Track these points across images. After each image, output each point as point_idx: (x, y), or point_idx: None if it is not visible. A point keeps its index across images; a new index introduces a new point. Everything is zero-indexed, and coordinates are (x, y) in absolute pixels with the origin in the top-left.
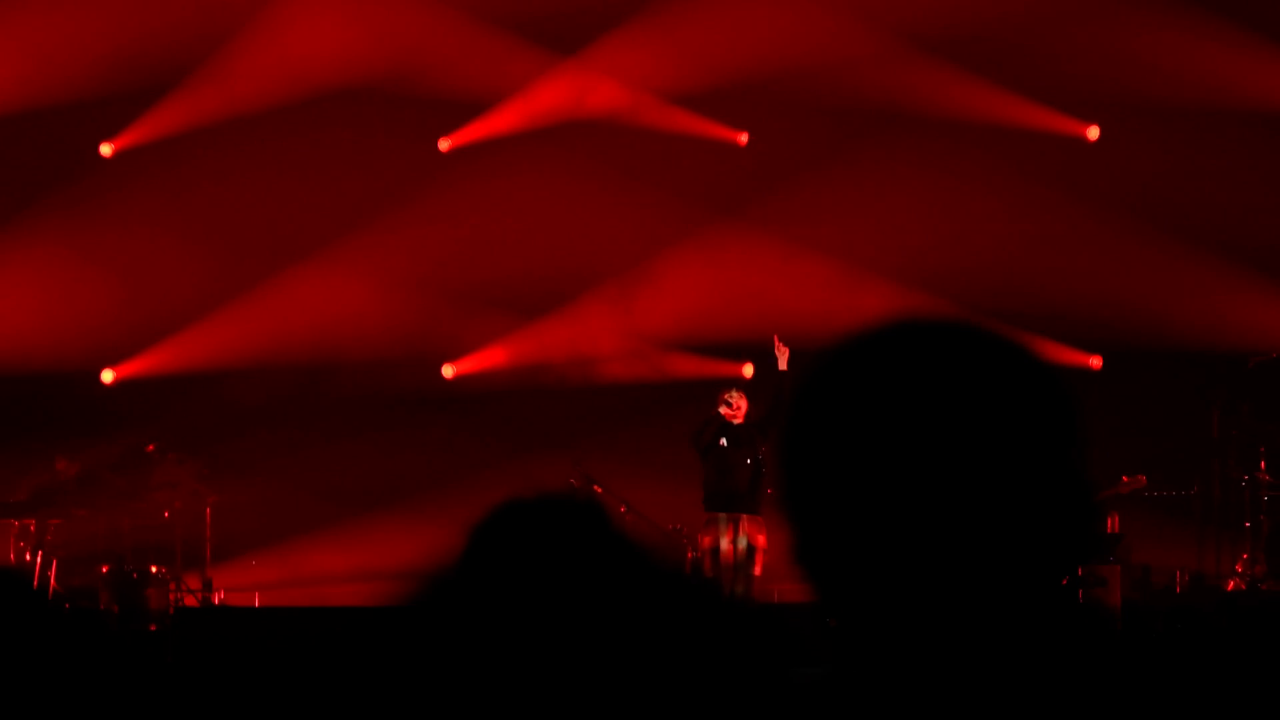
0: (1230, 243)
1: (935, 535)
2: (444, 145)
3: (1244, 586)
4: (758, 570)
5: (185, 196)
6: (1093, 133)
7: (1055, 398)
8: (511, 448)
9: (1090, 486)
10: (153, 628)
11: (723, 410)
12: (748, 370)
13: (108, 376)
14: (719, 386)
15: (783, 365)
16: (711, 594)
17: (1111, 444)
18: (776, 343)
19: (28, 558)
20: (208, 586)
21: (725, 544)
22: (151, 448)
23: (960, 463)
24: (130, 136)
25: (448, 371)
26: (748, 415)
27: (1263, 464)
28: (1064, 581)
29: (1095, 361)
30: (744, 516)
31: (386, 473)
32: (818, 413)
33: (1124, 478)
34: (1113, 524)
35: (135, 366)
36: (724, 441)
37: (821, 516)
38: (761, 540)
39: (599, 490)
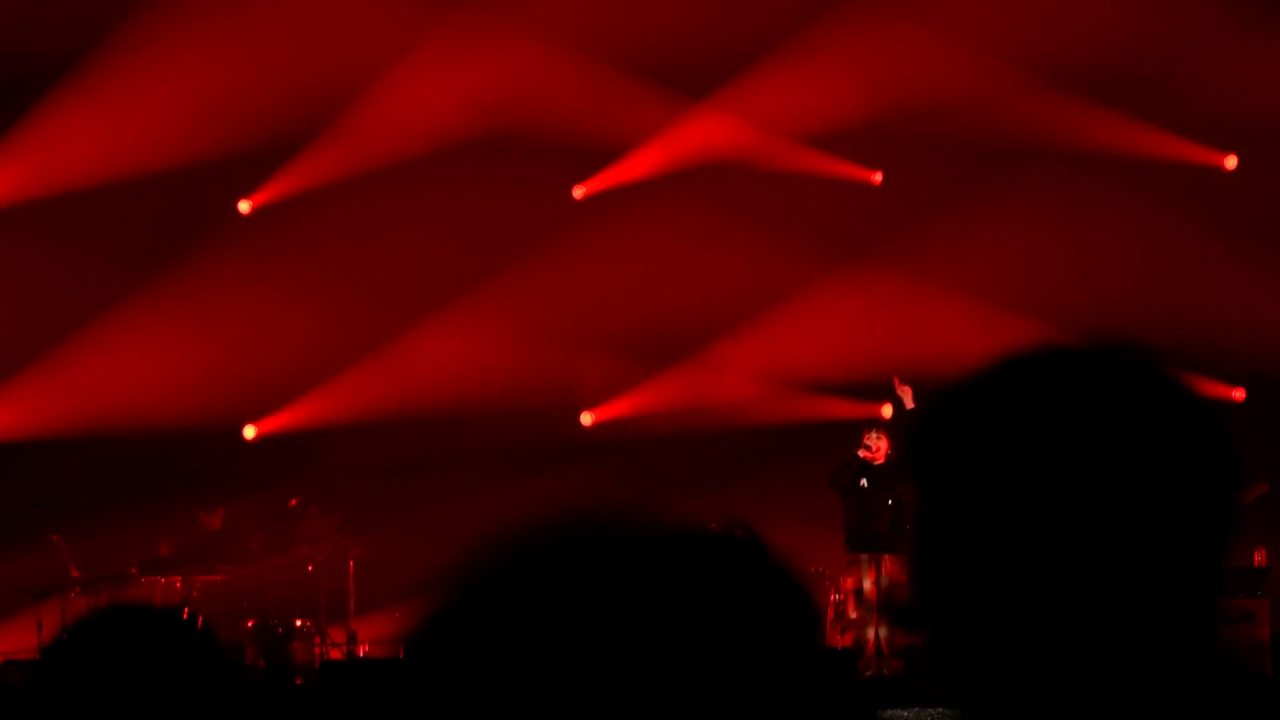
0: None
1: (1072, 574)
2: (578, 193)
3: None
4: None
5: (323, 251)
6: (1230, 162)
7: (1210, 437)
8: (652, 495)
9: (1236, 528)
10: (299, 681)
11: (862, 453)
12: (886, 410)
13: (250, 433)
14: (858, 428)
15: (909, 404)
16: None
17: (1257, 476)
18: (897, 384)
19: None
20: (352, 639)
21: (868, 584)
22: (294, 502)
23: (1102, 497)
24: (268, 193)
25: (586, 419)
26: (888, 455)
27: None
28: (1208, 621)
29: (1239, 394)
30: (886, 556)
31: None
32: (954, 439)
33: None
34: (1260, 557)
35: (277, 422)
36: (865, 483)
37: (952, 552)
38: (903, 579)
39: (741, 534)
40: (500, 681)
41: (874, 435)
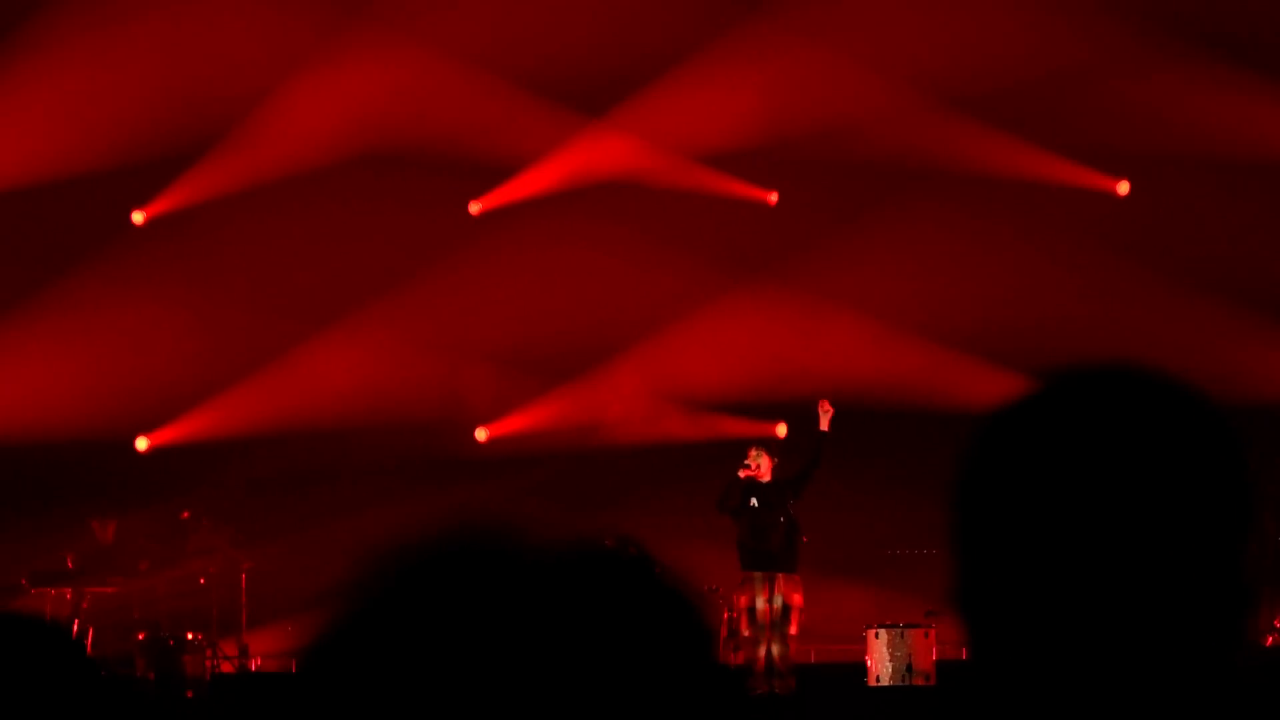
0: (1263, 297)
1: (1103, 591)
2: (474, 209)
3: None
4: (794, 629)
5: (216, 263)
6: (1123, 187)
7: (1236, 454)
8: (546, 512)
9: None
10: (189, 695)
11: (743, 472)
12: (781, 430)
13: (141, 444)
14: (752, 446)
15: (824, 426)
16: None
17: None
18: (822, 404)
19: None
20: (244, 653)
21: (761, 603)
22: (186, 515)
23: (1135, 518)
24: (161, 204)
25: (480, 435)
26: (776, 473)
27: None
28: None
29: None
30: (780, 575)
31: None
32: (999, 459)
33: None
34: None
35: (168, 434)
36: (754, 501)
37: (991, 562)
38: (797, 599)
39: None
40: (392, 695)
41: (755, 453)
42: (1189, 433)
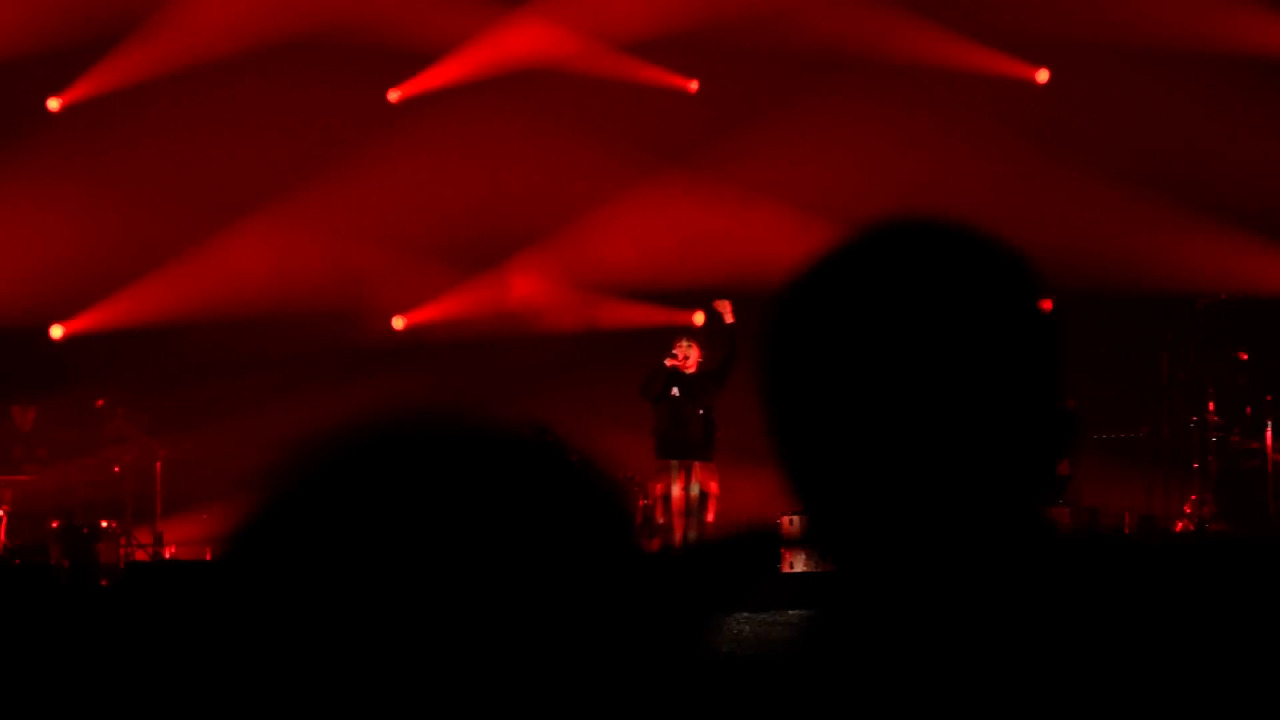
0: (1178, 184)
1: (914, 427)
2: (393, 96)
3: (1192, 527)
4: (710, 516)
5: (132, 150)
6: (1042, 75)
7: (1044, 320)
8: (464, 399)
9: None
10: (103, 582)
11: (669, 361)
12: (698, 318)
13: (56, 332)
14: (670, 335)
15: (729, 319)
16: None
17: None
18: (717, 304)
19: None
20: (158, 541)
21: (677, 490)
22: (101, 403)
23: (943, 358)
24: (77, 91)
25: (398, 323)
26: (700, 365)
27: (1211, 405)
28: (1042, 484)
29: (1045, 304)
30: (696, 463)
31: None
32: (805, 309)
33: None
34: (1064, 466)
35: (84, 322)
36: (676, 391)
37: (800, 410)
38: (714, 487)
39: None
40: (317, 583)
41: (684, 344)
42: (990, 278)
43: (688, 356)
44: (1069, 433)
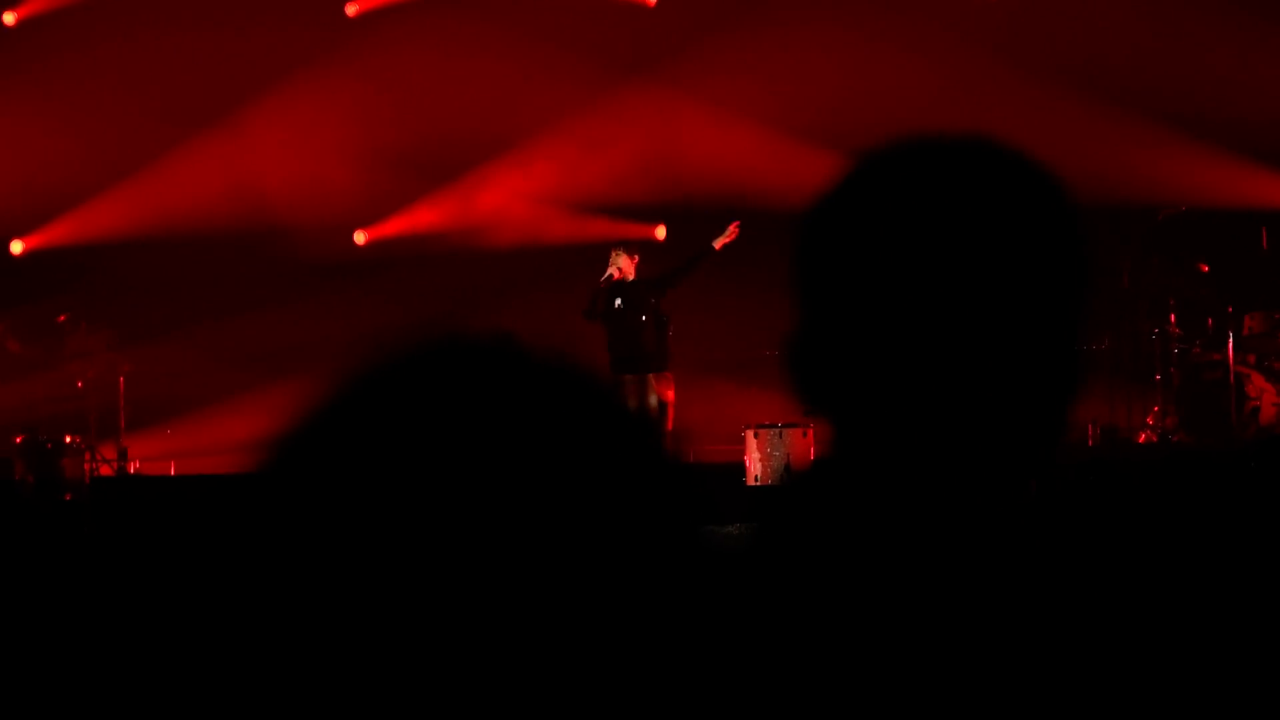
0: (1138, 96)
1: (935, 366)
2: (350, 10)
3: (1155, 439)
4: (669, 425)
5: (90, 65)
6: None
7: (1071, 229)
8: (426, 314)
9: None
10: (68, 497)
11: (603, 279)
12: (660, 232)
13: (16, 247)
14: (611, 248)
15: (718, 245)
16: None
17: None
18: (734, 227)
19: None
20: (123, 456)
21: (635, 405)
22: (63, 318)
23: (968, 281)
24: (33, 5)
25: (359, 238)
26: (640, 270)
27: (1172, 317)
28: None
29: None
30: (651, 375)
31: (300, 339)
32: (834, 227)
33: None
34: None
35: (44, 237)
36: (619, 303)
37: (826, 316)
38: (670, 395)
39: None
40: (367, 495)
41: (615, 255)
42: (1025, 200)
43: (620, 266)
44: (1078, 376)
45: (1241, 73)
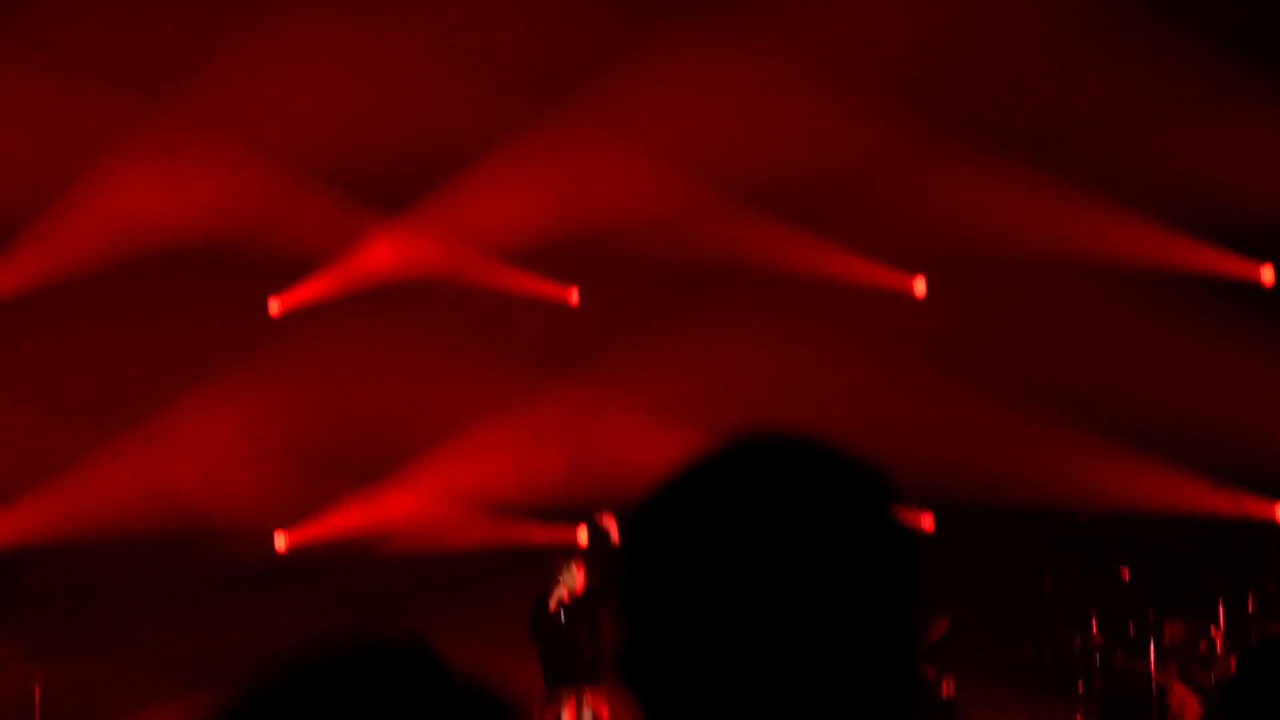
0: (1058, 399)
1: (759, 657)
2: (274, 307)
3: None
4: None
5: (11, 361)
6: (920, 286)
7: (898, 536)
8: (349, 621)
9: (916, 634)
10: None
11: (554, 600)
12: (582, 535)
13: None
14: (555, 553)
15: (615, 539)
16: None
17: (943, 606)
18: (600, 518)
19: None
20: None
21: (568, 718)
22: None
23: (792, 587)
24: None
25: (280, 543)
26: (585, 586)
27: (1094, 624)
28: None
29: (926, 521)
30: (587, 689)
31: (223, 648)
32: (658, 528)
33: None
34: (948, 688)
35: None
36: (563, 616)
37: (653, 633)
38: (605, 713)
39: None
40: None
41: (571, 569)
42: (845, 496)
43: (574, 584)
44: (911, 691)
45: (1159, 385)
